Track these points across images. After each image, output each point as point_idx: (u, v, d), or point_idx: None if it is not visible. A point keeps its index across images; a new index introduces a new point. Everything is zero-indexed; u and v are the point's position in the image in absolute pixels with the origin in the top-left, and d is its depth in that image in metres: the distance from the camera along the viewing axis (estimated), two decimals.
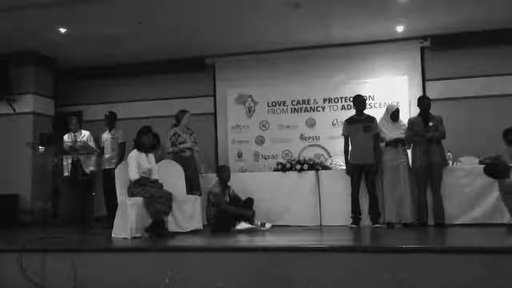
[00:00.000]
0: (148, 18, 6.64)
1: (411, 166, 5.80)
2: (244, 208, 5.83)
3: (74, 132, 6.78)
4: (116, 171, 5.63)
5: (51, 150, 6.97)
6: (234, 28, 7.19)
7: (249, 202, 5.91)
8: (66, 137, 6.78)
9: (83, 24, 6.79)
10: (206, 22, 6.87)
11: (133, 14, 6.49)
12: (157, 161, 5.74)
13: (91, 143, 6.68)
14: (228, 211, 5.73)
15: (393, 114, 5.91)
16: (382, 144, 5.91)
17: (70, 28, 6.93)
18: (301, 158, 6.58)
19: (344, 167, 6.16)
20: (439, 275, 3.48)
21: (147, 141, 5.51)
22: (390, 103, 7.11)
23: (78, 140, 6.60)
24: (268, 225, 5.78)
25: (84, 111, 8.66)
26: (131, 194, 5.28)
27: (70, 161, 6.64)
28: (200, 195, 6.07)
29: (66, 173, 6.71)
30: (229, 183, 6.01)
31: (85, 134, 6.79)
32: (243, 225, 5.64)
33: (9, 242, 4.92)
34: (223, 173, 5.99)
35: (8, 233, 6.04)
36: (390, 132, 5.85)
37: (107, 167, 6.65)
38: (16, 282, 4.04)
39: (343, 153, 6.14)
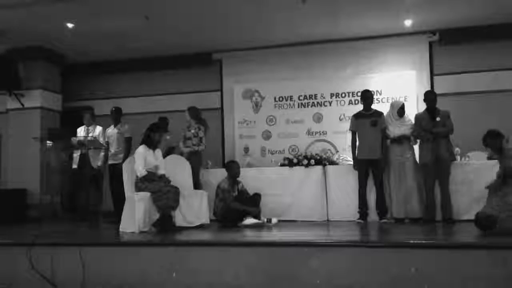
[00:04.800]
0: (156, 13, 6.64)
1: (417, 161, 5.77)
2: (251, 203, 5.84)
3: (87, 126, 6.81)
4: (124, 166, 5.65)
5: (59, 145, 7.01)
6: (241, 23, 7.17)
7: (256, 197, 5.91)
8: (79, 131, 6.81)
9: (91, 20, 6.81)
10: (213, 17, 6.86)
11: (140, 9, 6.49)
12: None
13: (101, 139, 6.70)
14: (234, 208, 5.74)
15: (399, 110, 5.86)
16: (388, 140, 5.88)
17: (78, 23, 6.94)
18: (308, 153, 6.57)
19: (351, 162, 6.14)
20: (447, 270, 3.47)
21: (156, 138, 5.52)
22: (396, 99, 7.09)
23: (90, 134, 6.64)
24: (274, 220, 5.78)
25: (92, 106, 8.69)
26: (138, 189, 5.30)
27: (78, 154, 6.68)
28: None
29: (74, 166, 6.75)
30: (238, 178, 6.03)
31: (98, 129, 6.82)
32: (250, 220, 5.65)
33: (19, 237, 4.96)
34: (232, 168, 5.99)
35: (17, 228, 6.09)
36: (395, 129, 5.81)
37: (113, 162, 6.68)
38: (26, 276, 4.09)
39: (350, 148, 6.13)
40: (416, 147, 5.87)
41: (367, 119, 5.91)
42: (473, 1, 6.49)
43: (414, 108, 7.03)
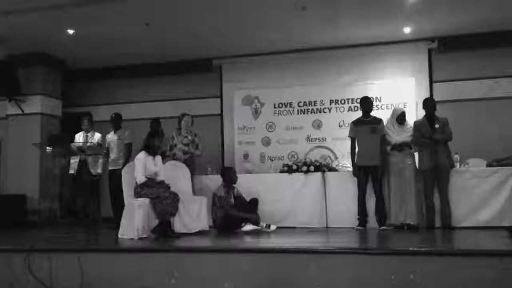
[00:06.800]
0: (156, 20, 6.67)
1: (417, 168, 5.77)
2: (249, 208, 5.83)
3: (86, 133, 6.82)
4: (123, 172, 5.65)
5: (59, 150, 7.02)
6: (241, 30, 7.20)
7: (254, 202, 5.91)
8: (77, 137, 6.81)
9: (91, 26, 6.83)
10: (213, 23, 6.88)
11: (141, 16, 6.52)
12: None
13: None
14: (233, 215, 5.73)
15: (399, 118, 5.86)
16: (388, 147, 5.88)
17: (78, 29, 6.97)
18: (308, 159, 6.56)
19: (351, 169, 6.15)
20: (447, 277, 3.47)
21: (156, 144, 5.52)
22: (397, 105, 7.09)
23: (89, 141, 6.63)
24: (273, 227, 5.77)
25: (92, 112, 8.68)
26: (137, 195, 5.30)
27: (77, 160, 6.68)
28: None
29: (71, 171, 6.74)
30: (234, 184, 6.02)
31: (97, 136, 6.82)
32: (248, 227, 5.64)
33: (17, 242, 4.95)
34: (227, 174, 5.98)
35: (16, 233, 6.08)
36: (396, 136, 5.81)
37: (113, 168, 6.67)
38: (24, 282, 4.08)
39: (349, 155, 6.13)
40: (416, 154, 5.87)
41: (367, 126, 5.92)
42: (472, 9, 6.51)
43: (413, 115, 7.03)
